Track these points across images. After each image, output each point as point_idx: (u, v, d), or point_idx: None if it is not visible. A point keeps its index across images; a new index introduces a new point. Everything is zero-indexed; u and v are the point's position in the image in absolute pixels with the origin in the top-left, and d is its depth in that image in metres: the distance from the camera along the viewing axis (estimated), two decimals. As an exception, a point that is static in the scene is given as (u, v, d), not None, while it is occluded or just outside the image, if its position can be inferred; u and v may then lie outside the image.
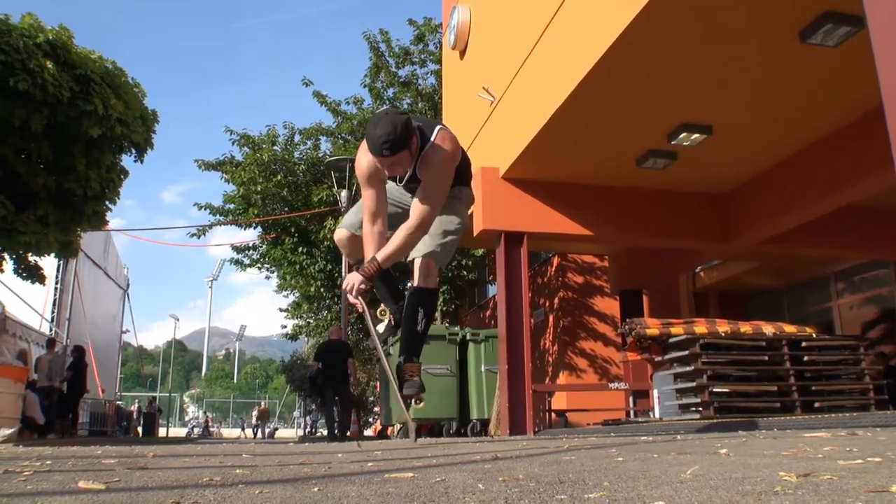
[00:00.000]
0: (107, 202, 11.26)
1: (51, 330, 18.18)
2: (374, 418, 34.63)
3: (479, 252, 15.99)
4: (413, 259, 3.88)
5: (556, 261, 15.14)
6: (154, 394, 43.29)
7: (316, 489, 1.53)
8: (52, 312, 18.76)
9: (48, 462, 2.67)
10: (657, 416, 9.67)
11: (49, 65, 9.20)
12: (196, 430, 33.39)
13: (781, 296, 14.43)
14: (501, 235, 9.19)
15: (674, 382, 9.29)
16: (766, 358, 9.03)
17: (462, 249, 15.66)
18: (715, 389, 8.60)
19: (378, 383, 14.29)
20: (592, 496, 1.32)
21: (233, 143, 18.03)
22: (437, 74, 17.33)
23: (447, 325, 14.49)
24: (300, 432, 37.00)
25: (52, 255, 12.30)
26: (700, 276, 14.34)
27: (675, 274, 13.47)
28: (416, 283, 3.84)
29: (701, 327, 9.24)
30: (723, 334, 9.10)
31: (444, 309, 16.77)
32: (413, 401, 3.81)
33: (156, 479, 1.80)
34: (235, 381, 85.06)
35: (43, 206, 10.17)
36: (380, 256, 3.57)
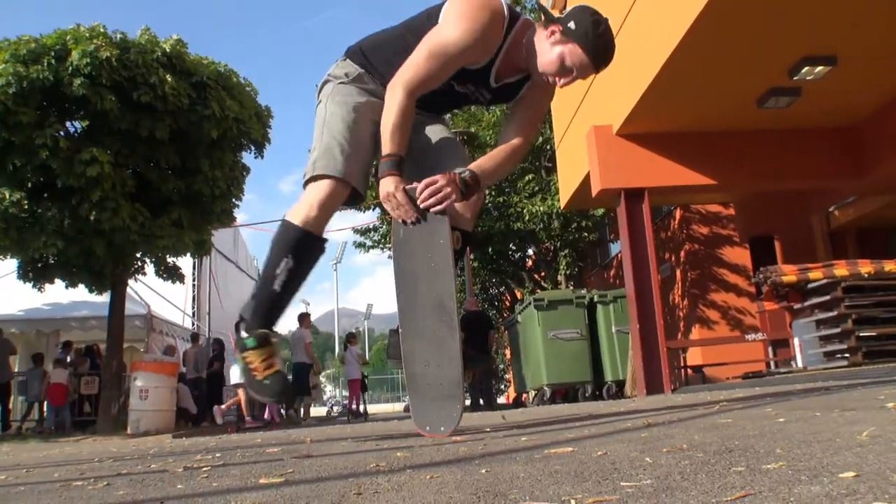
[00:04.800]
0: (233, 199, 11.81)
1: (193, 324, 19.22)
2: (505, 386, 34.87)
3: (600, 212, 15.76)
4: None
5: (678, 213, 14.72)
6: (290, 377, 45.03)
7: (483, 470, 1.55)
8: (193, 308, 19.78)
9: (217, 455, 2.83)
10: (800, 365, 9.31)
11: (168, 77, 9.72)
12: (335, 409, 34.54)
13: (927, 228, 13.51)
14: (621, 193, 9.02)
15: (816, 329, 8.91)
16: (917, 296, 8.52)
17: (581, 210, 15.48)
18: (862, 334, 8.21)
19: (508, 351, 14.36)
20: (770, 467, 1.28)
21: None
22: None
23: (573, 287, 14.39)
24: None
25: (188, 254, 13.00)
26: (835, 216, 13.58)
27: (807, 216, 12.83)
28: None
29: (841, 270, 8.80)
30: (866, 275, 8.65)
31: (568, 273, 16.64)
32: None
33: (327, 468, 1.88)
34: (368, 358, 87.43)
35: (176, 210, 10.75)
36: (480, 170, 2.65)
